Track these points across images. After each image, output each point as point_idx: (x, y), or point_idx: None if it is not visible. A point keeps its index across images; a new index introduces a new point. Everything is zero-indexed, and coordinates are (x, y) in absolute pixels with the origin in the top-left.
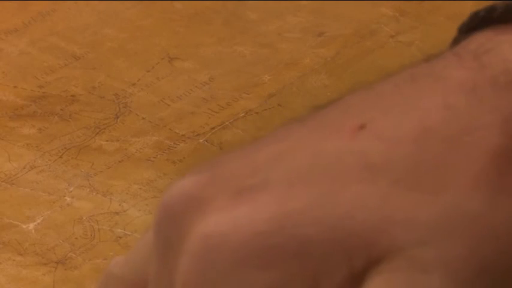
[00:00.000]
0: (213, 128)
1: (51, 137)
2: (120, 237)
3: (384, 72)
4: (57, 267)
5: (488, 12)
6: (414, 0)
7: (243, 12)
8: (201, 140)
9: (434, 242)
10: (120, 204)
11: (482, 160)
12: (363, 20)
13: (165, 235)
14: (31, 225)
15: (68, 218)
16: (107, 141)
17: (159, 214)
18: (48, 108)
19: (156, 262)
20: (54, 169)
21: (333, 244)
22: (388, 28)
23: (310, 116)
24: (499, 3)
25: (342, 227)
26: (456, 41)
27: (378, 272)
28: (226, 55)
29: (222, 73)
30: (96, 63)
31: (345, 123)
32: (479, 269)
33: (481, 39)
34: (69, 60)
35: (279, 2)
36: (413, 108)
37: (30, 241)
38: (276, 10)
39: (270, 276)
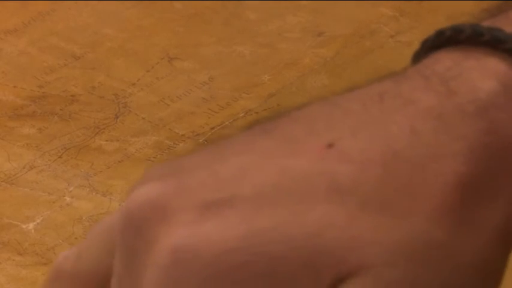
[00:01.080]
0: (213, 128)
1: (50, 137)
2: None
3: (383, 72)
4: None
5: (455, 33)
6: (414, 0)
7: (242, 12)
8: (200, 140)
9: (399, 263)
10: (119, 204)
11: (447, 189)
12: (362, 20)
13: (129, 243)
14: (31, 225)
15: (68, 218)
16: (106, 141)
17: (122, 221)
18: (48, 108)
19: (119, 268)
20: (53, 169)
21: (301, 263)
22: (387, 28)
23: (273, 126)
24: (465, 24)
25: (310, 245)
26: (418, 56)
27: (343, 287)
28: (226, 55)
29: (221, 73)
30: (96, 63)
31: (312, 140)
32: None
33: (448, 62)
34: (69, 60)
35: (279, 2)
36: (381, 131)
37: (30, 241)
38: (276, 10)
39: None
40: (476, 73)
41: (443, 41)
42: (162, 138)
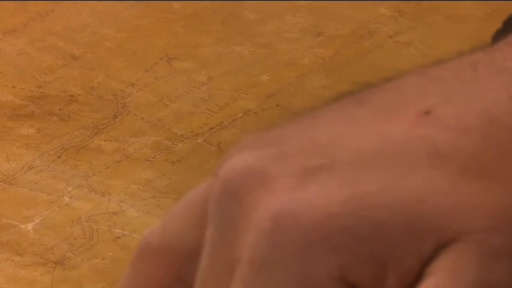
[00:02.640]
0: (212, 128)
1: (49, 137)
2: (119, 238)
3: (382, 72)
4: (56, 267)
5: None
6: (413, 0)
7: (241, 12)
8: (199, 140)
9: (501, 228)
10: (118, 205)
11: None
12: (361, 20)
13: (226, 210)
14: (29, 226)
15: (67, 218)
16: (105, 141)
17: (219, 188)
18: (47, 108)
19: (214, 234)
20: (52, 169)
21: (403, 228)
22: (386, 28)
23: (366, 97)
24: None
25: (413, 211)
26: (501, 33)
27: (445, 252)
28: (224, 55)
29: (220, 73)
30: (95, 63)
31: (409, 108)
32: None
33: None
34: (68, 60)
35: (278, 2)
36: (477, 97)
37: (28, 241)
38: (275, 10)
39: (340, 258)
40: None
41: None
42: (160, 139)
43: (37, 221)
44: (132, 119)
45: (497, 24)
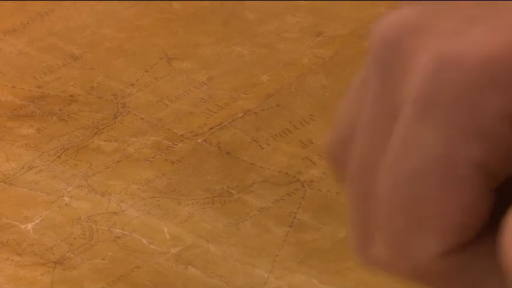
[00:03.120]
0: (212, 128)
1: (49, 137)
2: (119, 237)
3: None
4: (56, 267)
5: None
6: (412, 0)
7: (241, 12)
8: (199, 140)
9: None
10: (118, 205)
11: None
12: (361, 20)
13: (386, 57)
14: (29, 226)
15: (67, 218)
16: (105, 141)
17: (377, 40)
18: (47, 109)
19: (375, 84)
20: (52, 169)
21: None
22: None
23: None
24: None
25: None
26: None
27: None
28: (224, 55)
29: (220, 73)
30: (95, 63)
31: None
32: None
33: None
34: (68, 61)
35: (278, 2)
36: None
37: (28, 241)
38: (275, 10)
39: (504, 99)
40: None
41: None
42: (160, 139)
43: (37, 221)
44: (132, 119)
45: None
